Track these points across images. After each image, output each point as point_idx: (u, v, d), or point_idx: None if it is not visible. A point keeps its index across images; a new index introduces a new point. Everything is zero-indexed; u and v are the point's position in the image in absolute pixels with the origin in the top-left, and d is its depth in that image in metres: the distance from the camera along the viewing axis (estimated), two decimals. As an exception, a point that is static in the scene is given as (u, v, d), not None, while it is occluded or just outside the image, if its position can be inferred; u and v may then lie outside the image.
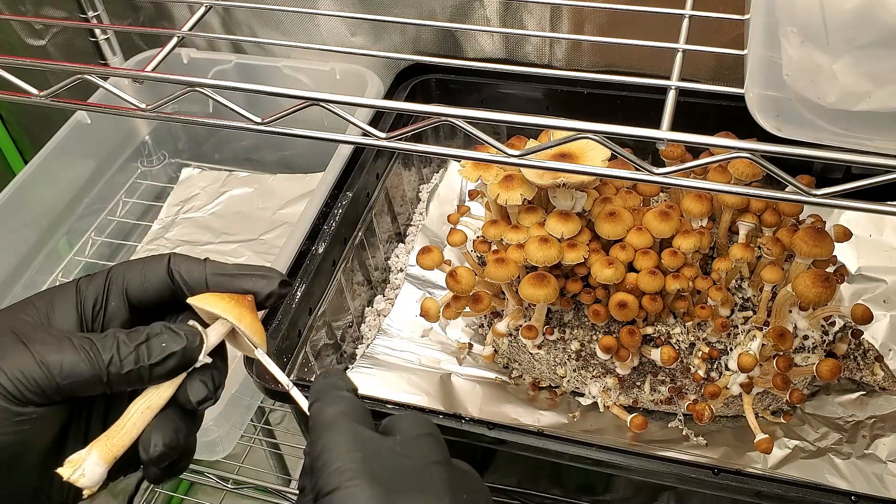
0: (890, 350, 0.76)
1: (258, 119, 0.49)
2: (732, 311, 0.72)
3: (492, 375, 0.78)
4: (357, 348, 0.82)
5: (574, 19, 0.89)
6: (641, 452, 0.63)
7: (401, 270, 0.88)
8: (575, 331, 0.73)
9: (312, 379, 0.66)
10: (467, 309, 0.74)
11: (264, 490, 1.16)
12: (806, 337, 0.70)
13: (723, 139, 0.43)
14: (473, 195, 0.82)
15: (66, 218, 1.00)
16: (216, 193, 1.07)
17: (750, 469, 0.67)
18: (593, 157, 0.67)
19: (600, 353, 0.71)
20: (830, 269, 0.71)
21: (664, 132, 0.43)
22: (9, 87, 0.53)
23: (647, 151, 0.87)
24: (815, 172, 0.81)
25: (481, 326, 0.81)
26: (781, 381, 0.67)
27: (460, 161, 0.85)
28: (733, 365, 0.69)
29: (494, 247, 0.74)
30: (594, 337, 0.72)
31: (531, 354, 0.74)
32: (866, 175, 0.40)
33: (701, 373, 0.70)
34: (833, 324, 0.72)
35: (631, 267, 0.69)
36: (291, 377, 0.70)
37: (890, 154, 0.39)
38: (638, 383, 0.73)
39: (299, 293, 0.73)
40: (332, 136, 0.51)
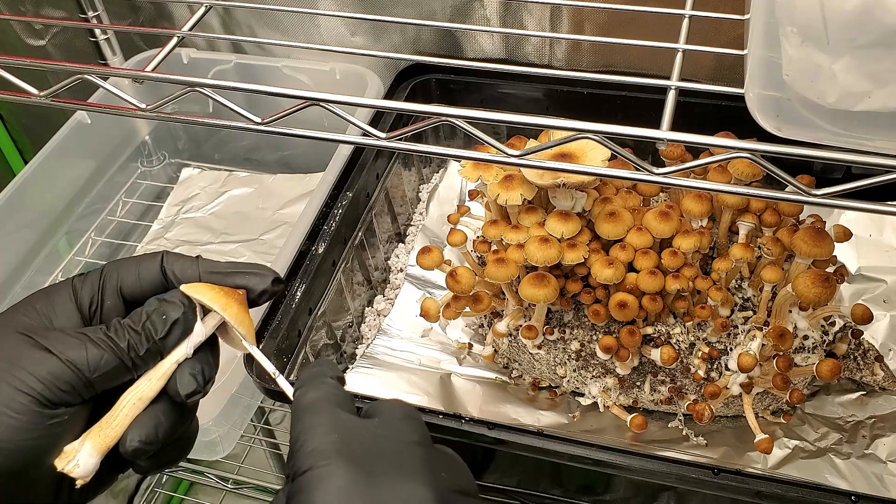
0: (890, 350, 0.76)
1: (258, 119, 0.49)
2: (732, 311, 0.72)
3: (492, 375, 0.78)
4: (357, 348, 0.82)
5: (574, 19, 0.89)
6: (641, 452, 0.63)
7: (401, 270, 0.88)
8: (575, 331, 0.73)
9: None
10: (467, 309, 0.74)
11: (264, 490, 1.16)
12: (806, 337, 0.70)
13: (723, 139, 0.43)
14: (473, 195, 0.82)
15: (66, 218, 0.99)
16: (216, 193, 1.07)
17: (750, 469, 0.67)
18: (593, 157, 0.67)
19: (600, 353, 0.71)
20: (830, 269, 0.71)
21: (664, 132, 0.43)
22: (9, 87, 0.53)
23: (647, 151, 0.87)
24: (815, 172, 0.81)
25: (481, 326, 0.81)
26: (781, 381, 0.67)
27: (460, 161, 0.85)
28: (733, 365, 0.69)
29: (494, 247, 0.74)
30: (594, 337, 0.72)
31: (531, 354, 0.74)
32: (866, 175, 0.40)
33: (701, 373, 0.70)
34: (833, 324, 0.72)
35: (631, 267, 0.69)
36: (291, 377, 0.70)
37: (890, 154, 0.39)
38: (638, 383, 0.73)
39: (299, 293, 0.73)
40: (332, 136, 0.51)
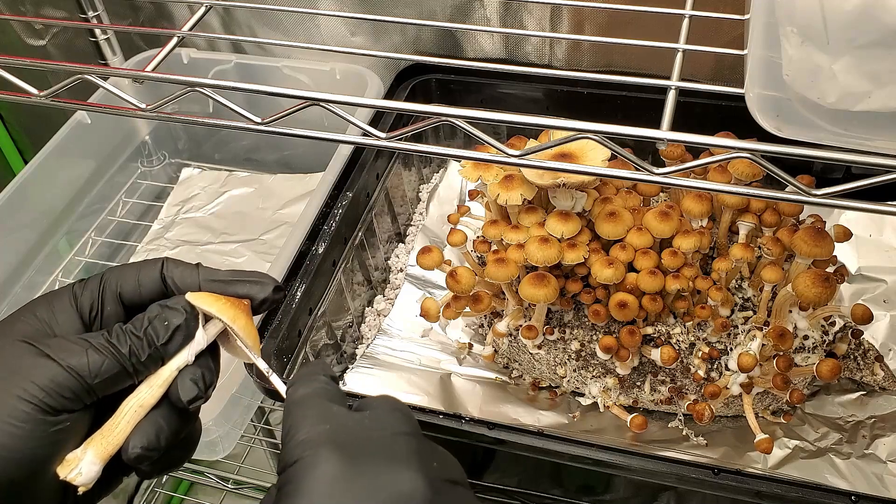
0: (890, 350, 0.76)
1: (258, 119, 0.49)
2: (732, 311, 0.72)
3: (492, 375, 0.78)
4: (357, 348, 0.82)
5: (574, 19, 0.89)
6: (641, 452, 0.63)
7: (401, 270, 0.88)
8: (575, 331, 0.73)
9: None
10: (467, 309, 0.74)
11: (264, 490, 1.16)
12: (806, 337, 0.70)
13: (723, 139, 0.43)
14: (473, 195, 0.82)
15: (66, 218, 0.99)
16: (216, 193, 1.07)
17: (750, 469, 0.67)
18: (593, 157, 0.67)
19: (600, 353, 0.71)
20: (830, 269, 0.71)
21: (664, 132, 0.43)
22: (9, 87, 0.53)
23: (647, 151, 0.87)
24: (815, 172, 0.81)
25: (481, 326, 0.81)
26: (781, 381, 0.67)
27: (460, 161, 0.85)
28: (733, 365, 0.69)
29: (494, 247, 0.74)
30: (594, 337, 0.72)
31: (531, 354, 0.74)
32: (866, 175, 0.40)
33: (701, 373, 0.70)
34: (833, 324, 0.72)
35: (631, 267, 0.69)
36: (291, 377, 0.70)
37: (890, 154, 0.39)
38: (638, 383, 0.73)
39: (299, 293, 0.73)
40: (332, 136, 0.51)
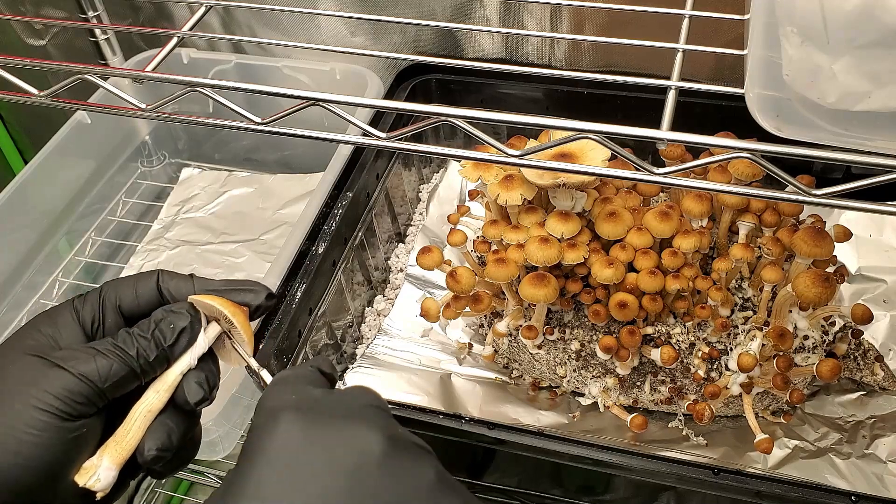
0: (890, 350, 0.76)
1: (258, 119, 0.49)
2: (732, 311, 0.72)
3: (492, 375, 0.78)
4: (357, 348, 0.82)
5: (574, 19, 0.89)
6: (641, 452, 0.63)
7: (401, 270, 0.88)
8: (575, 331, 0.73)
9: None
10: (467, 309, 0.74)
11: (264, 490, 1.16)
12: (806, 337, 0.70)
13: (723, 139, 0.43)
14: (473, 195, 0.82)
15: (66, 218, 0.99)
16: (216, 193, 1.07)
17: (750, 469, 0.67)
18: (593, 157, 0.67)
19: (600, 353, 0.71)
20: (830, 269, 0.71)
21: (664, 132, 0.43)
22: (9, 87, 0.53)
23: (647, 151, 0.87)
24: (815, 172, 0.81)
25: (481, 326, 0.81)
26: (781, 381, 0.67)
27: (460, 161, 0.85)
28: (733, 365, 0.69)
29: (494, 247, 0.74)
30: (594, 337, 0.72)
31: (531, 354, 0.74)
32: (866, 175, 0.40)
33: (701, 373, 0.70)
34: (833, 324, 0.72)
35: (631, 267, 0.69)
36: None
37: (890, 154, 0.39)
38: (638, 383, 0.73)
39: (299, 293, 0.73)
40: (332, 136, 0.51)
